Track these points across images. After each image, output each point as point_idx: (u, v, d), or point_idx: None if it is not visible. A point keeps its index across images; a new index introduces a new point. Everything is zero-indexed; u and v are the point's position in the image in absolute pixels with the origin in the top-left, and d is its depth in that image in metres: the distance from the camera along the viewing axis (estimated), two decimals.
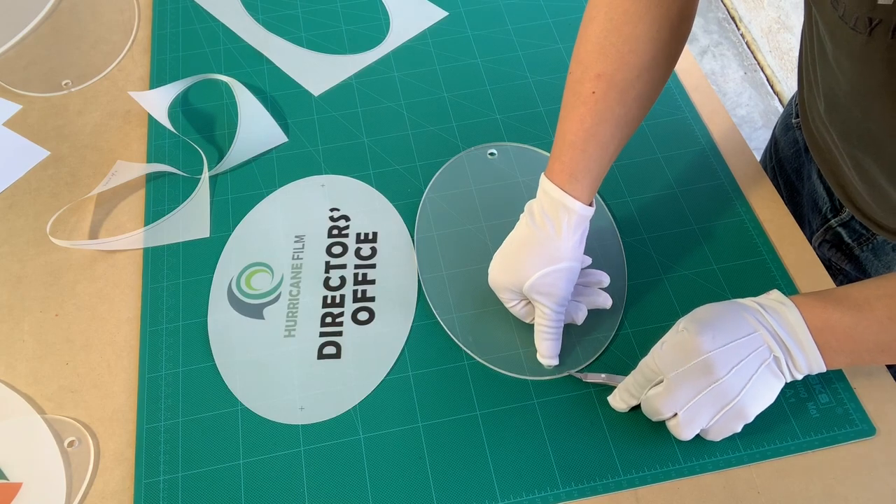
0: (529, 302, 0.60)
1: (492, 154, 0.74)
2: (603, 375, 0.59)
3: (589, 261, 0.63)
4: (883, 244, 0.67)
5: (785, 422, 0.57)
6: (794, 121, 0.75)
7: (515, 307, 0.61)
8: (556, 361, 0.60)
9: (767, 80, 2.00)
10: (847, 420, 0.57)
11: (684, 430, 0.53)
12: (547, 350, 0.59)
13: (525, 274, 0.57)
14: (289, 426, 0.58)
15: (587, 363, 0.60)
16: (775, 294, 0.54)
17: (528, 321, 0.62)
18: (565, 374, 0.60)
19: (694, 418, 0.53)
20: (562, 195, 0.56)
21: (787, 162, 0.77)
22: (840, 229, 0.70)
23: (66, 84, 0.81)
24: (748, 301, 0.54)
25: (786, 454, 0.56)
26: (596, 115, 0.56)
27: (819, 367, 0.51)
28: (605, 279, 0.62)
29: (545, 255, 0.57)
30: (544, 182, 0.58)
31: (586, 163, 0.57)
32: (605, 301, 0.62)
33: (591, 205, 0.58)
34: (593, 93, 0.56)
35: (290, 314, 0.64)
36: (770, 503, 0.54)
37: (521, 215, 0.59)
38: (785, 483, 0.55)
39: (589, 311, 0.62)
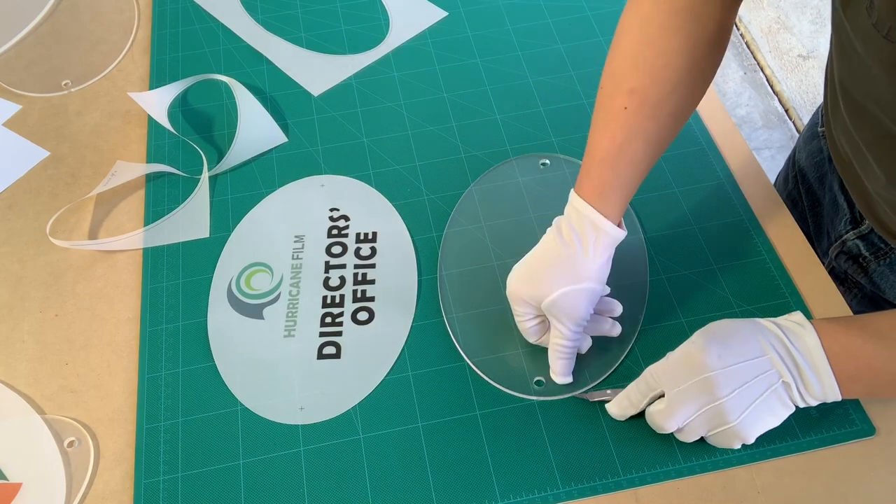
0: (542, 320, 0.59)
1: (544, 164, 0.73)
2: (609, 391, 0.58)
3: (608, 290, 0.60)
4: None
5: (785, 422, 0.57)
6: (819, 129, 0.74)
7: (527, 323, 0.59)
8: (569, 379, 0.59)
9: (767, 80, 2.00)
10: (847, 420, 0.57)
11: (683, 439, 0.54)
12: (561, 369, 0.58)
13: (546, 290, 0.55)
14: (289, 426, 0.58)
15: (596, 382, 0.60)
16: (797, 316, 0.52)
17: (532, 341, 0.60)
18: (568, 395, 0.59)
19: (692, 434, 0.54)
20: (592, 213, 0.54)
21: (810, 171, 0.76)
22: (858, 241, 0.68)
23: (66, 84, 0.81)
24: (766, 321, 0.52)
25: (786, 454, 0.56)
26: (627, 132, 0.54)
27: (834, 395, 0.50)
28: (618, 309, 0.61)
29: (569, 272, 0.55)
30: (574, 198, 0.56)
31: (617, 180, 0.55)
32: (613, 329, 0.60)
33: (620, 225, 0.56)
34: (625, 108, 0.54)
35: (289, 314, 0.64)
36: (770, 503, 0.54)
37: (549, 229, 0.57)
38: (785, 483, 0.55)
39: (595, 337, 0.60)
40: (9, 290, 0.66)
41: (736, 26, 2.11)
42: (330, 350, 0.62)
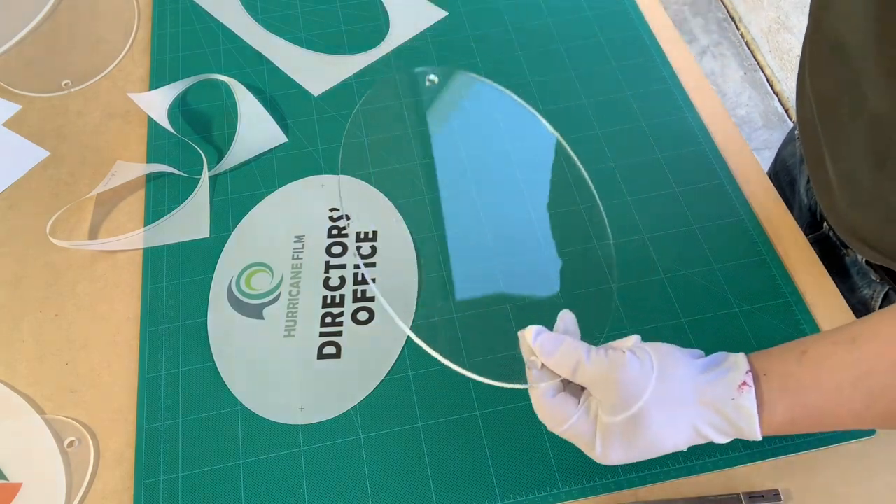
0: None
1: (431, 81, 0.68)
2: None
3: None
4: (850, 266, 0.67)
5: None
6: (796, 133, 0.74)
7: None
8: None
9: (767, 80, 2.00)
10: None
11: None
12: None
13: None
14: (289, 426, 0.58)
15: None
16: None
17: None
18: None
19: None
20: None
21: (783, 174, 0.77)
22: (815, 246, 0.69)
23: (66, 84, 0.81)
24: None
25: (786, 454, 0.56)
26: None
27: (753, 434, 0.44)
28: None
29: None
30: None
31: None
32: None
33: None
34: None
35: (289, 314, 0.64)
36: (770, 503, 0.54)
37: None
38: (785, 483, 0.55)
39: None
40: (9, 290, 0.66)
41: (736, 26, 2.11)
42: (330, 350, 0.62)
